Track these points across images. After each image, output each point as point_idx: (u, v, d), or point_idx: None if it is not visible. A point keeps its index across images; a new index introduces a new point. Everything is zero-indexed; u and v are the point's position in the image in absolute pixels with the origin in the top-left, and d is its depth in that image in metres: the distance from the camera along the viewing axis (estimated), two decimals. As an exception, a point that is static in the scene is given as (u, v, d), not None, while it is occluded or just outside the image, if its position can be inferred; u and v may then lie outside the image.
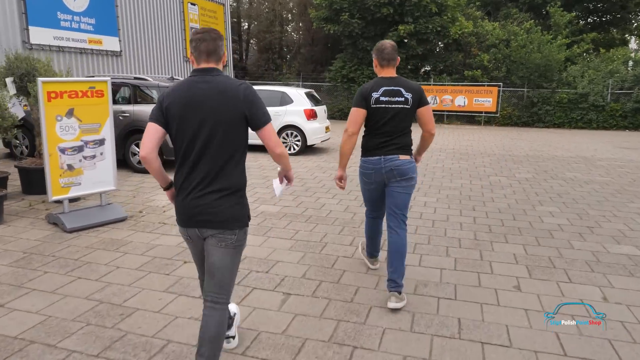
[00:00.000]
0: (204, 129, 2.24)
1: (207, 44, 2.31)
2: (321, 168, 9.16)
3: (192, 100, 2.25)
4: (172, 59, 16.81)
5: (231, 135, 2.27)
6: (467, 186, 7.70)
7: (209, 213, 2.28)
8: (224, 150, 2.27)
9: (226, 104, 2.24)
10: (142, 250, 4.45)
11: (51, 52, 11.59)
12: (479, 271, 4.10)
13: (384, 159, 3.41)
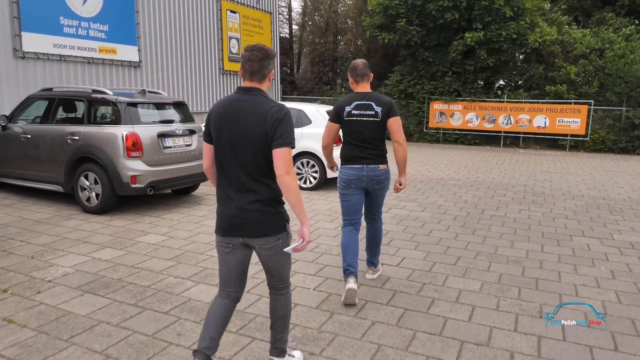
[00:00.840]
0: (236, 144, 2.42)
1: (252, 64, 2.45)
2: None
3: (227, 117, 2.44)
4: (206, 72, 15.26)
5: (259, 152, 2.41)
6: (538, 256, 5.04)
7: (251, 224, 2.45)
8: (257, 165, 2.42)
9: (255, 123, 2.39)
10: None
11: (49, 62, 10.29)
12: None
13: (366, 168, 3.84)
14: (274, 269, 2.63)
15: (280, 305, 2.70)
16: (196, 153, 6.79)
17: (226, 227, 2.50)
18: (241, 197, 2.44)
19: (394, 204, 7.48)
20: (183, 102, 7.06)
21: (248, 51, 2.46)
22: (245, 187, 2.44)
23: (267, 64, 2.47)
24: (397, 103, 18.29)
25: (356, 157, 3.81)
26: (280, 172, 2.36)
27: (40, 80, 10.07)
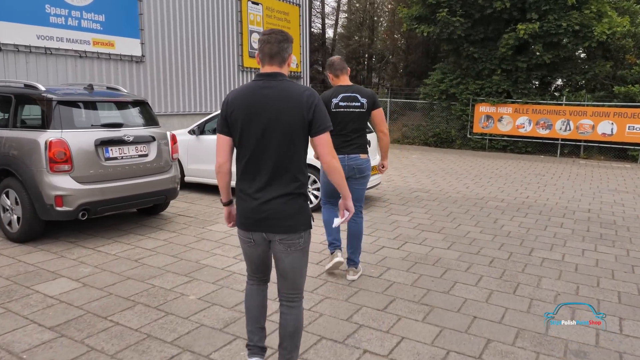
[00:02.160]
0: (268, 134, 2.32)
1: (271, 46, 2.39)
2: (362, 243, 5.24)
3: (256, 106, 2.33)
4: (222, 69, 13.96)
5: (295, 140, 2.34)
6: (614, 342, 3.21)
7: (277, 218, 2.35)
8: (289, 155, 2.35)
9: (290, 109, 2.31)
10: None
11: (32, 55, 9.22)
12: None
13: (348, 157, 4.04)
14: (289, 272, 2.49)
15: (292, 319, 2.53)
16: (155, 165, 5.37)
17: (250, 222, 2.43)
18: (269, 191, 2.37)
19: (411, 235, 5.77)
20: (143, 100, 5.65)
21: (266, 34, 2.42)
22: (275, 180, 2.37)
23: (287, 47, 2.43)
24: (437, 105, 16.39)
25: (338, 147, 3.86)
26: (328, 158, 2.38)
27: (21, 77, 9.01)
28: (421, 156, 13.88)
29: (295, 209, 2.38)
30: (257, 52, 2.45)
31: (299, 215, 2.39)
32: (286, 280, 2.49)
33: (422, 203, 7.67)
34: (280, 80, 2.38)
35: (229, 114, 2.39)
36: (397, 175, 10.37)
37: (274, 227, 2.37)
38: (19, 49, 8.99)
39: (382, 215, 6.75)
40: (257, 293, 2.66)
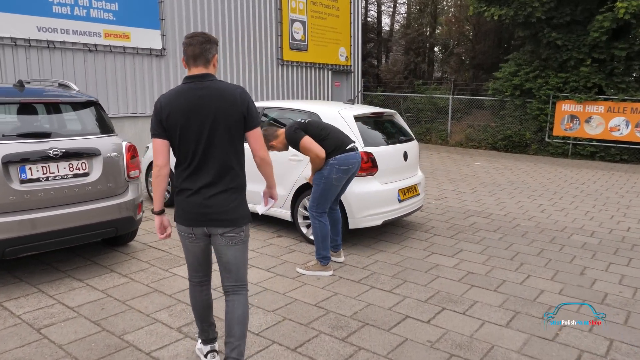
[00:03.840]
0: (209, 133, 2.45)
1: (194, 48, 2.48)
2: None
3: (193, 107, 2.44)
4: (259, 63, 12.68)
5: (234, 137, 2.51)
6: None
7: (219, 212, 2.50)
8: (230, 152, 2.51)
9: (228, 107, 2.47)
10: None
11: (32, 49, 8.36)
12: None
13: (358, 154, 4.40)
14: (232, 264, 2.60)
15: (239, 308, 2.61)
16: (100, 187, 4.07)
17: (193, 217, 2.52)
18: (213, 187, 2.48)
19: (453, 293, 4.10)
20: (92, 101, 4.37)
21: (189, 37, 2.52)
22: (219, 176, 2.49)
23: (209, 48, 2.52)
24: (510, 102, 14.18)
25: (350, 142, 4.33)
26: (261, 152, 2.58)
27: (21, 73, 8.18)
28: (486, 164, 11.85)
29: (237, 203, 2.55)
30: (182, 59, 2.56)
31: (240, 209, 2.57)
32: (230, 273, 2.62)
33: (479, 235, 5.88)
34: (211, 80, 2.51)
35: (164, 117, 2.46)
36: (451, 191, 8.54)
37: (216, 221, 2.52)
38: (17, 43, 8.14)
39: (418, 256, 5.08)
40: (200, 293, 2.76)
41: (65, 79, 8.77)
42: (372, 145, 5.15)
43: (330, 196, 4.38)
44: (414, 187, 5.67)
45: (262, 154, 2.60)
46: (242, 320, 2.60)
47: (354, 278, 4.42)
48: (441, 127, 15.65)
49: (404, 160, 5.52)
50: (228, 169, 2.50)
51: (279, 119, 5.82)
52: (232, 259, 2.58)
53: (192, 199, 2.49)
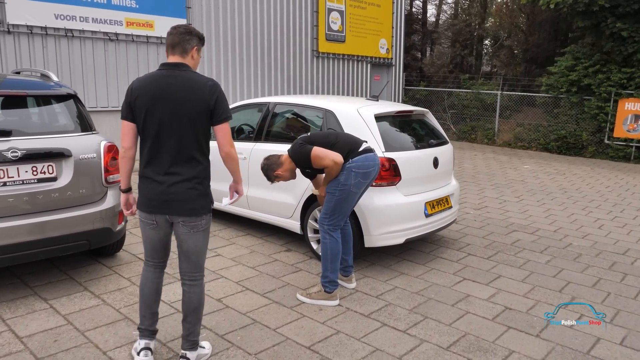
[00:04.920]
0: (172, 121, 2.49)
1: (173, 37, 2.57)
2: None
3: (160, 94, 2.49)
4: (292, 55, 12.05)
5: (198, 127, 2.53)
6: None
7: (180, 200, 2.55)
8: (192, 142, 2.54)
9: (194, 98, 2.49)
10: None
11: (49, 38, 8.03)
12: None
13: (376, 155, 3.75)
14: (192, 252, 2.65)
15: (195, 296, 2.71)
16: (71, 194, 3.53)
17: (154, 204, 2.57)
18: (173, 175, 2.52)
19: (483, 337, 3.30)
20: (69, 95, 3.82)
21: (172, 28, 2.61)
22: (179, 165, 2.52)
23: (189, 39, 2.57)
24: (565, 100, 12.92)
25: (362, 142, 3.77)
26: (226, 147, 2.59)
27: (38, 63, 7.88)
28: (536, 167, 10.75)
29: (198, 193, 2.58)
30: None
31: (201, 199, 2.60)
32: (189, 260, 2.68)
33: (522, 257, 5.01)
34: (184, 70, 2.55)
35: (132, 100, 2.53)
36: (493, 199, 7.61)
37: (177, 209, 2.56)
38: (33, 31, 7.82)
39: (446, 282, 4.30)
40: (153, 278, 2.78)
41: (85, 69, 8.42)
42: (395, 150, 4.39)
43: (348, 207, 3.71)
44: (445, 199, 4.86)
45: (228, 149, 2.61)
46: (197, 308, 2.74)
47: (363, 311, 3.70)
48: (488, 126, 14.53)
49: (434, 167, 4.72)
50: (189, 158, 2.53)
51: (290, 117, 5.13)
52: (192, 247, 2.64)
53: (154, 187, 2.55)
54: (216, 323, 3.39)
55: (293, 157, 3.66)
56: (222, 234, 5.34)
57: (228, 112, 2.59)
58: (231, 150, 2.62)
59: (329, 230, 3.70)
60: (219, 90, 2.55)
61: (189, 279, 2.72)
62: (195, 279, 2.72)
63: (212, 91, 2.51)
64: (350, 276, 4.09)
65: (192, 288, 2.72)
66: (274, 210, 4.95)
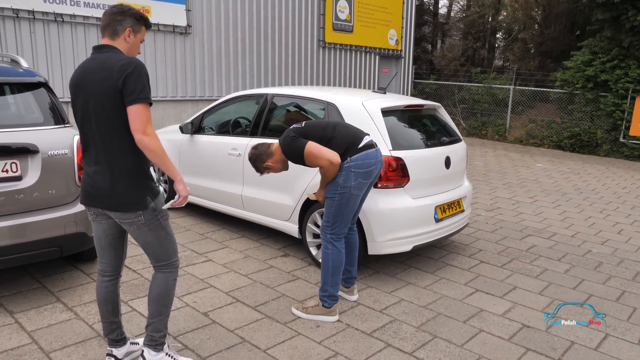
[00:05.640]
0: (91, 108, 2.29)
1: (104, 18, 2.37)
2: None
3: (81, 80, 2.32)
4: (297, 44, 11.64)
5: (112, 114, 2.26)
6: None
7: (107, 195, 2.34)
8: (112, 130, 2.28)
9: (104, 79, 2.24)
10: None
11: (38, 22, 7.65)
12: None
13: (378, 151, 3.32)
14: (146, 248, 2.50)
15: (155, 284, 2.54)
16: (38, 195, 3.17)
17: (85, 195, 2.43)
18: (99, 167, 2.34)
19: (498, 373, 2.93)
20: (38, 83, 3.45)
21: (107, 9, 2.42)
22: (103, 156, 2.33)
23: (120, 20, 2.36)
24: (580, 96, 12.44)
25: (363, 135, 3.33)
26: (137, 134, 2.24)
27: (25, 49, 7.51)
28: (549, 165, 10.31)
29: (125, 187, 2.34)
30: None
31: (130, 193, 2.34)
32: (149, 254, 2.52)
33: (538, 265, 4.64)
34: (105, 52, 2.33)
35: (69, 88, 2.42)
36: (506, 199, 7.21)
37: (105, 204, 2.36)
38: (19, 15, 7.44)
39: (457, 294, 3.92)
40: (101, 286, 2.58)
41: (77, 56, 8.06)
42: (403, 148, 4.00)
43: (349, 211, 3.32)
44: (457, 203, 4.48)
45: (139, 136, 2.24)
46: (157, 299, 2.53)
47: (365, 328, 3.33)
48: (499, 121, 14.06)
49: (446, 167, 4.33)
50: (111, 149, 2.31)
51: (289, 110, 4.74)
52: (142, 243, 2.49)
53: (85, 179, 2.42)
54: (200, 342, 3.02)
55: (284, 151, 3.26)
56: (215, 236, 4.98)
57: (142, 92, 2.24)
58: (143, 138, 2.24)
59: (331, 239, 3.32)
60: (131, 68, 2.22)
61: (154, 270, 2.58)
62: (159, 270, 2.55)
63: (122, 70, 2.21)
64: (352, 287, 3.72)
65: (155, 274, 2.56)
66: (271, 211, 4.58)
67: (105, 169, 2.33)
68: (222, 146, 4.91)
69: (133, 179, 2.36)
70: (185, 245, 4.70)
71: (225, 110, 5.22)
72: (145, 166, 2.38)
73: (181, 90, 9.59)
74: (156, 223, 2.45)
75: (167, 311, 2.58)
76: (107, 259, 2.57)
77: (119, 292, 2.66)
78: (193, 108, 9.49)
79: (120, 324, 2.66)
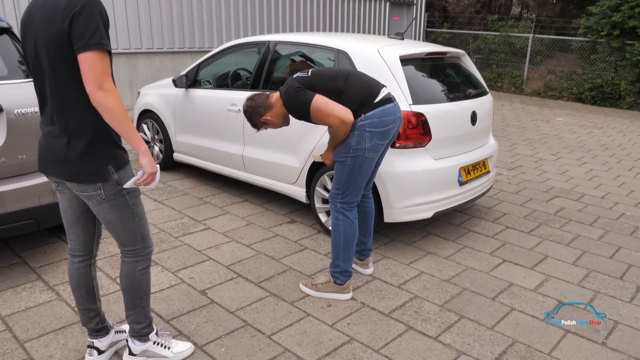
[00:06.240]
0: (36, 55, 1.88)
1: None
2: None
3: (26, 18, 1.92)
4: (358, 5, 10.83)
5: (58, 62, 1.83)
6: None
7: (58, 161, 1.95)
8: (58, 83, 1.86)
9: (48, 18, 1.79)
10: None
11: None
12: None
13: (397, 106, 2.84)
14: (109, 228, 2.09)
15: (123, 274, 2.19)
16: (4, 162, 2.75)
17: (40, 160, 2.04)
18: (53, 128, 1.94)
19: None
20: (2, 29, 2.96)
21: None
22: (54, 113, 1.92)
23: None
24: (604, 45, 11.68)
25: (380, 87, 2.83)
26: (90, 87, 1.78)
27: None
28: (570, 119, 9.75)
29: (80, 153, 1.90)
30: None
31: (86, 161, 1.92)
32: (113, 237, 2.14)
33: (569, 231, 4.25)
34: None
35: None
36: (527, 156, 6.74)
37: (59, 172, 1.97)
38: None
39: (482, 265, 3.55)
40: (72, 268, 2.23)
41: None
42: (425, 103, 3.52)
43: (363, 177, 2.88)
44: (482, 163, 4.03)
45: (93, 93, 1.77)
46: (127, 291, 2.20)
47: (382, 307, 2.96)
48: (516, 72, 13.35)
49: (472, 124, 3.85)
50: (62, 106, 1.89)
51: (295, 59, 4.23)
52: (103, 221, 2.09)
53: (40, 140, 2.03)
54: (196, 327, 2.67)
55: (286, 104, 2.78)
56: (214, 201, 4.58)
57: (94, 36, 1.77)
58: (97, 94, 1.78)
59: (342, 209, 2.89)
60: (80, 6, 1.75)
61: (121, 256, 2.20)
62: (125, 256, 2.18)
63: (69, 8, 1.74)
64: (367, 260, 3.34)
65: (123, 265, 2.19)
66: (275, 174, 4.16)
67: (60, 131, 1.90)
68: (220, 101, 4.43)
69: (90, 144, 1.91)
70: (182, 211, 4.31)
71: (224, 61, 4.71)
72: (108, 129, 1.93)
73: (178, 41, 8.99)
74: (120, 200, 2.03)
75: (143, 303, 2.25)
76: (75, 236, 2.19)
77: (94, 275, 2.28)
78: (192, 60, 8.92)
79: (98, 311, 2.30)
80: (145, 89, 5.44)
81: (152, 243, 2.24)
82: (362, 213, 3.11)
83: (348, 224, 2.90)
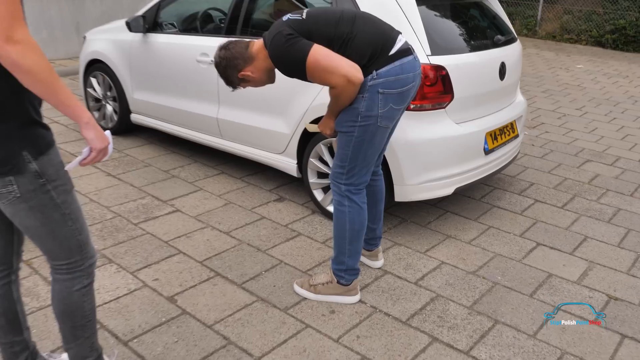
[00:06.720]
0: None
1: None
2: None
3: None
4: None
5: None
6: None
7: None
8: None
9: None
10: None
11: None
12: None
13: (417, 60, 2.40)
14: (30, 236, 1.72)
15: (55, 295, 1.82)
16: None
17: None
18: None
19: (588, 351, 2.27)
20: None
21: None
22: None
23: None
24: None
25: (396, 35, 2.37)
26: None
27: None
28: (591, 67, 9.37)
29: None
30: None
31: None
32: (35, 244, 1.75)
33: (608, 204, 3.96)
34: None
35: None
36: (550, 112, 6.38)
37: None
38: None
39: (512, 251, 3.24)
40: None
41: None
42: (445, 53, 3.09)
43: (374, 152, 2.45)
44: (510, 126, 3.64)
45: (0, 48, 1.34)
46: (63, 318, 1.83)
47: (398, 312, 2.61)
48: (529, 12, 12.85)
49: (500, 78, 3.42)
50: None
51: None
52: (22, 227, 1.71)
53: None
54: (163, 350, 2.29)
55: (274, 57, 2.29)
56: (184, 174, 4.12)
57: None
58: (6, 49, 1.35)
59: (348, 192, 2.47)
60: None
61: (51, 267, 1.81)
62: (55, 272, 1.79)
63: None
64: (377, 250, 2.96)
65: (53, 283, 1.82)
66: (258, 141, 3.71)
67: None
68: (187, 49, 3.91)
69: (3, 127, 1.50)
70: (143, 188, 3.85)
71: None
72: (20, 99, 1.50)
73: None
74: (42, 198, 1.62)
75: (87, 332, 1.87)
76: None
77: (17, 296, 1.88)
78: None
79: (26, 343, 1.92)
80: (93, 34, 4.87)
81: (94, 252, 1.82)
82: (370, 194, 2.70)
83: (355, 211, 2.49)
